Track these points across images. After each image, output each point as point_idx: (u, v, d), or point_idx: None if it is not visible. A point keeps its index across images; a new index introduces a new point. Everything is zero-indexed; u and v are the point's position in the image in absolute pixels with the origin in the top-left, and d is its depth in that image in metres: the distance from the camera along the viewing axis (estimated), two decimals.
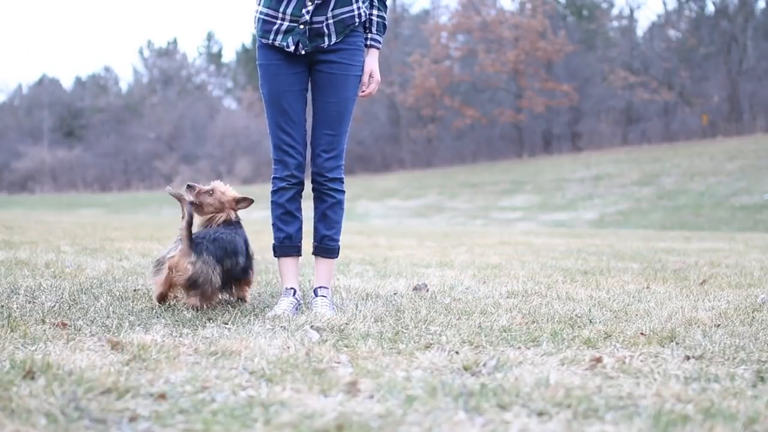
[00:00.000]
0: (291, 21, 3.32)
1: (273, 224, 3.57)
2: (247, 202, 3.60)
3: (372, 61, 3.53)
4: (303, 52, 3.37)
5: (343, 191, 3.57)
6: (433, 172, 37.60)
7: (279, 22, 3.34)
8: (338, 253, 3.62)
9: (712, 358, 2.48)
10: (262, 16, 3.39)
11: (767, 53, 39.21)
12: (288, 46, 3.35)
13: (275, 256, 3.58)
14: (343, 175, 3.56)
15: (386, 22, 3.55)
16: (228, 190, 3.58)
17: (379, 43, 3.54)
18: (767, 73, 38.50)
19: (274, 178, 3.55)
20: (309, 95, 3.56)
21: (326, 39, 3.36)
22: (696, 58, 40.28)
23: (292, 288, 3.46)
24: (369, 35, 3.52)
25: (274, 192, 3.53)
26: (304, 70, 3.45)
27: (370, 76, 3.53)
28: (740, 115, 37.99)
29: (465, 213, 25.37)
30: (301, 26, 3.33)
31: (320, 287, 3.50)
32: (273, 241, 3.57)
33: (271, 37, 3.38)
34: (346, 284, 4.34)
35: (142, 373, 2.10)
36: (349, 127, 3.54)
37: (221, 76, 61.06)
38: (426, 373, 2.21)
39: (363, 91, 3.53)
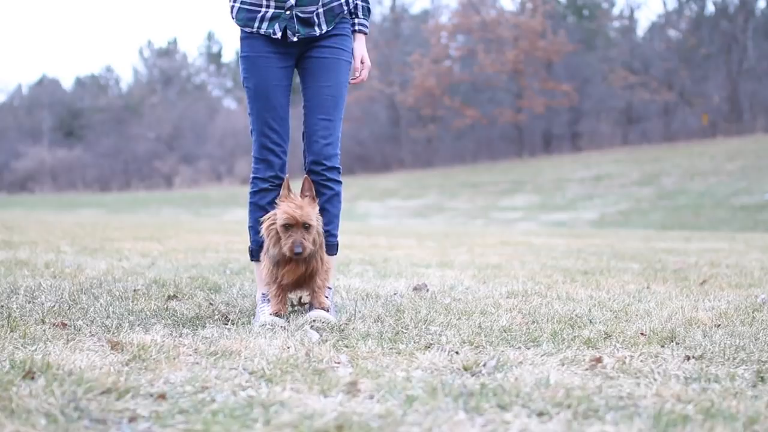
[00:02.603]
0: (276, 8, 3.17)
1: (250, 227, 3.38)
2: None
3: (361, 47, 3.40)
4: (295, 39, 3.20)
5: (341, 182, 3.38)
6: (433, 172, 37.60)
7: (263, 9, 3.18)
8: (338, 249, 3.45)
9: (712, 359, 2.48)
10: (243, 6, 3.22)
11: (767, 53, 39.21)
12: (275, 33, 3.18)
13: (252, 260, 3.42)
14: (340, 165, 3.38)
15: (370, 6, 3.43)
16: None
17: (366, 27, 3.41)
18: (767, 73, 38.50)
19: (254, 178, 3.36)
20: (296, 87, 3.42)
21: (317, 28, 3.22)
22: (696, 58, 40.29)
23: None
24: (356, 20, 3.38)
25: (254, 193, 3.35)
26: (291, 64, 3.30)
27: (361, 62, 3.40)
28: (740, 115, 38.00)
29: (465, 213, 25.37)
30: (287, 12, 3.17)
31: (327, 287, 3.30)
32: (250, 244, 3.41)
33: (256, 25, 3.20)
34: (346, 284, 4.34)
35: (142, 373, 2.09)
36: (343, 117, 3.38)
37: (221, 76, 61.07)
38: (426, 373, 2.21)
39: (355, 78, 3.40)
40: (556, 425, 1.74)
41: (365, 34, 3.42)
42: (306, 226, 3.02)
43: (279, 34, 3.19)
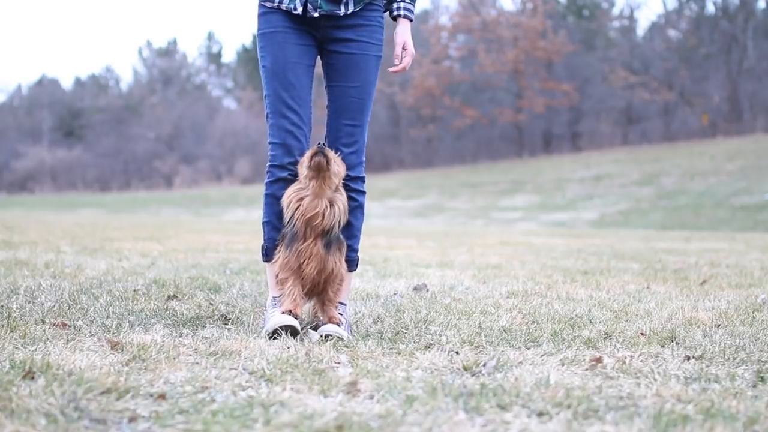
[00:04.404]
0: None
1: (266, 222, 3.03)
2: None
3: (404, 32, 3.05)
4: (316, 14, 2.89)
5: (365, 192, 3.06)
6: (433, 172, 37.60)
7: None
8: (357, 265, 3.15)
9: (712, 359, 2.48)
10: None
11: (767, 53, 39.21)
12: (295, 9, 2.88)
13: (266, 260, 3.07)
14: (364, 174, 3.06)
15: None
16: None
17: (412, 13, 3.07)
18: (767, 73, 38.50)
19: (271, 166, 2.98)
20: (319, 81, 3.12)
21: (342, 7, 2.90)
22: (696, 58, 40.30)
23: None
24: (402, 4, 3.05)
25: (271, 183, 2.98)
26: (313, 44, 2.98)
27: (404, 48, 3.04)
28: (740, 115, 38.00)
29: (465, 213, 25.37)
30: None
31: (338, 302, 2.97)
32: (264, 243, 3.06)
33: (276, 0, 2.92)
34: None
35: (142, 373, 2.09)
36: (369, 119, 3.06)
37: (221, 76, 61.07)
38: (426, 373, 2.21)
39: (397, 66, 3.05)
40: (556, 425, 1.74)
41: (411, 20, 3.07)
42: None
43: (300, 10, 2.89)
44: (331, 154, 2.83)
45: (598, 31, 44.58)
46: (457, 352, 2.49)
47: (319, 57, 3.07)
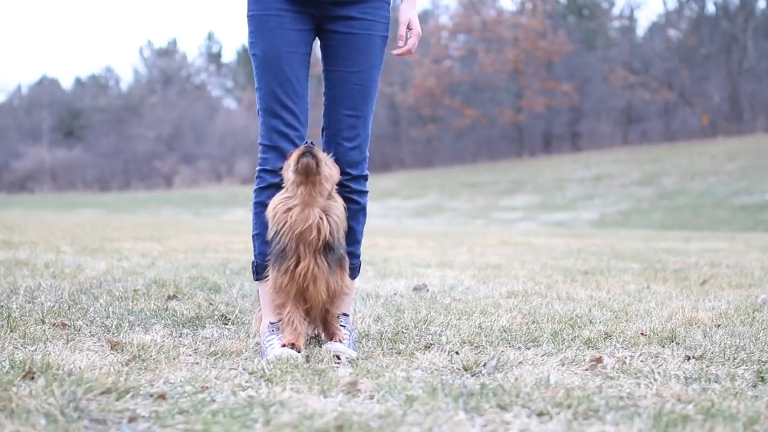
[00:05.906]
0: None
1: (256, 235, 2.67)
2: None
3: (409, 9, 2.72)
4: None
5: (367, 192, 2.74)
6: (433, 172, 37.60)
7: None
8: (360, 270, 2.86)
9: (712, 359, 2.48)
10: None
11: (767, 53, 39.22)
12: None
13: (257, 278, 2.69)
14: (367, 172, 2.73)
15: None
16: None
17: None
18: (767, 73, 38.51)
19: (261, 170, 2.64)
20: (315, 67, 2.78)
21: None
22: (696, 58, 40.30)
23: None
24: None
25: (261, 189, 2.64)
26: (311, 28, 2.64)
27: (409, 28, 2.71)
28: (740, 115, 38.00)
29: (465, 213, 25.36)
30: None
31: (340, 314, 2.65)
32: (254, 259, 2.71)
33: None
34: None
35: (142, 374, 2.10)
36: (374, 109, 2.72)
37: (221, 76, 61.08)
38: (426, 373, 2.21)
39: (401, 48, 2.72)
40: (556, 425, 1.73)
41: None
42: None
43: None
44: (322, 154, 2.44)
45: (598, 31, 44.58)
46: (457, 352, 2.49)
47: (317, 38, 2.74)
